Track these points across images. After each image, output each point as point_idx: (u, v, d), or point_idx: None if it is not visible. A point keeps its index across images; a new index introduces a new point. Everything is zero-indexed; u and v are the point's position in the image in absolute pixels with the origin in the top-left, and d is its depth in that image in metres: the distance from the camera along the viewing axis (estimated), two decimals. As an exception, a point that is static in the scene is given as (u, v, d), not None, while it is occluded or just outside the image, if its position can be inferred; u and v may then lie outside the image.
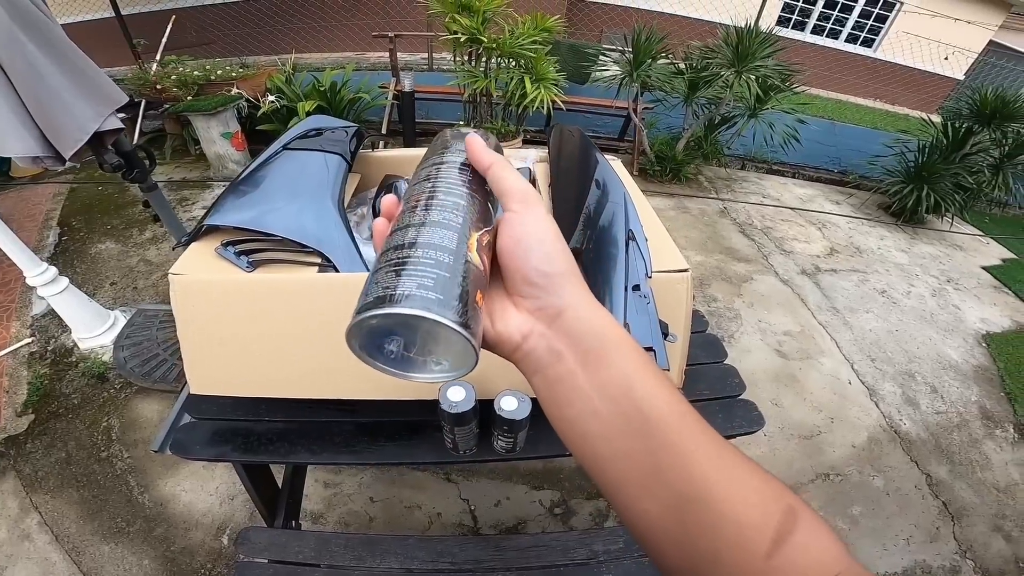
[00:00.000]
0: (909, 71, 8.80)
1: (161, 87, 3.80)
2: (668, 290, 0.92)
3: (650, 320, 0.82)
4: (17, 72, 1.35)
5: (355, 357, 0.29)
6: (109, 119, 1.53)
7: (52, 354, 2.42)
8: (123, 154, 1.70)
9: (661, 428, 0.30)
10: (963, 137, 4.25)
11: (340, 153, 1.11)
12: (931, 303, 3.49)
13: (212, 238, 0.92)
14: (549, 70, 3.40)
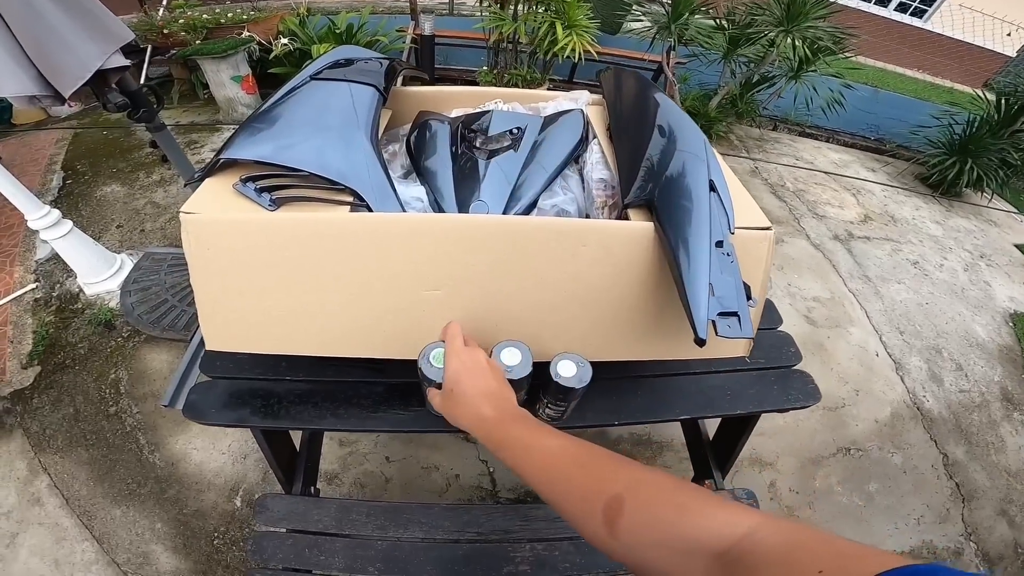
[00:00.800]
0: (959, 44, 8.58)
1: (168, 32, 3.61)
2: (748, 249, 0.80)
3: (735, 280, 0.70)
4: (12, 11, 1.27)
5: (393, 310, 0.22)
6: (113, 57, 1.44)
7: (57, 300, 2.34)
8: (128, 93, 1.59)
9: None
10: (1015, 114, 4.09)
11: (375, 84, 0.97)
12: (963, 278, 3.39)
13: (229, 173, 0.80)
14: (581, 17, 3.19)
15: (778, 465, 2.06)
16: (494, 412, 0.55)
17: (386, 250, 0.73)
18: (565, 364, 0.76)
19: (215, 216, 0.72)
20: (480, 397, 0.57)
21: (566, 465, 0.46)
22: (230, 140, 0.83)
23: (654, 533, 0.38)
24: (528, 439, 0.51)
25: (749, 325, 0.69)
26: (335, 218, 0.73)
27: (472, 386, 0.58)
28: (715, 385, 1.11)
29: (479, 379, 0.59)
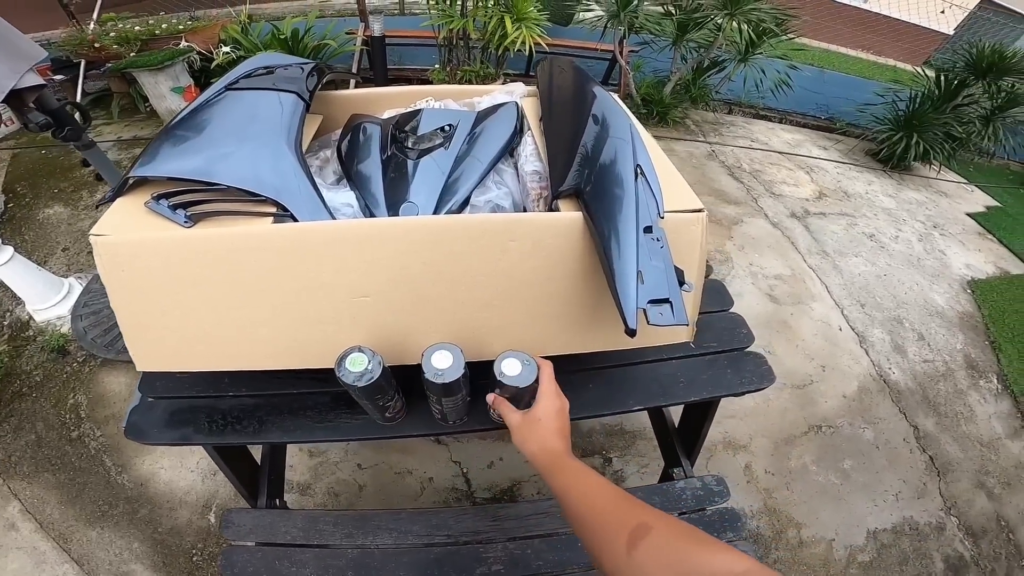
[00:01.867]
0: (899, 23, 8.84)
1: (100, 45, 3.47)
2: (681, 233, 0.80)
3: (665, 266, 0.71)
4: None
5: (324, 320, 0.21)
6: (27, 76, 1.40)
7: (8, 329, 2.26)
8: (50, 112, 1.54)
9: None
10: (956, 88, 4.27)
11: (295, 91, 0.95)
12: (918, 248, 3.50)
13: (142, 192, 0.77)
14: (530, 9, 3.17)
15: (751, 447, 2.07)
16: (562, 447, 0.69)
17: (312, 259, 0.71)
18: (510, 363, 0.74)
19: (127, 237, 0.69)
20: (557, 434, 0.70)
21: (608, 494, 0.58)
22: (140, 157, 0.80)
23: (668, 557, 0.47)
24: (580, 471, 0.64)
25: (682, 311, 0.70)
26: (255, 231, 0.71)
27: (556, 425, 0.71)
28: (668, 373, 1.12)
29: (562, 421, 0.72)
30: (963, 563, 1.87)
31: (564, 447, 0.68)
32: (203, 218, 0.72)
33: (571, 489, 0.60)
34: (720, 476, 1.21)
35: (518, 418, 0.72)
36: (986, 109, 4.26)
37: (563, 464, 0.65)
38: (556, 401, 0.73)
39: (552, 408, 0.71)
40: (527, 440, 0.70)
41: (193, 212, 0.71)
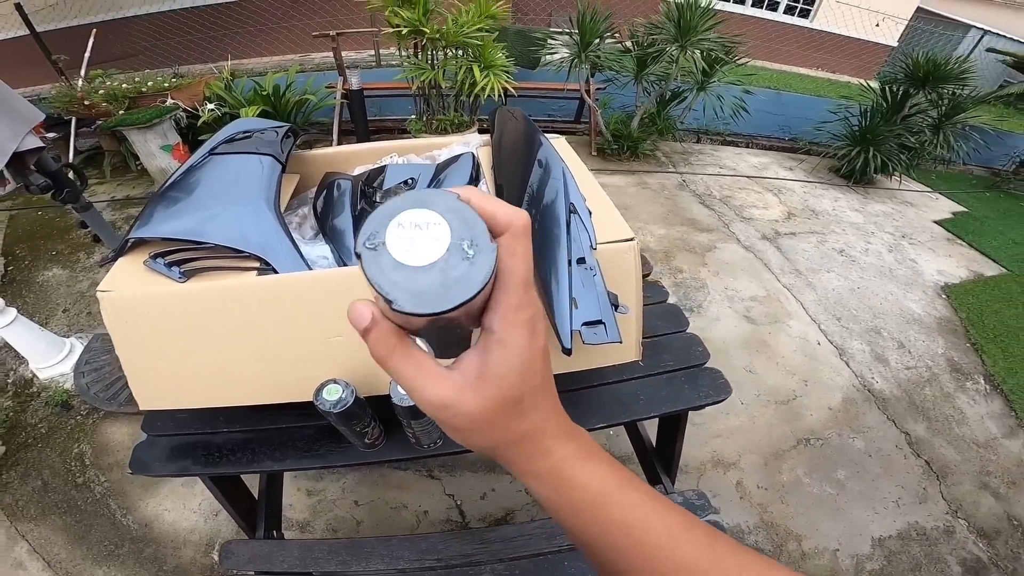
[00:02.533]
0: (846, 40, 9.05)
1: (89, 103, 3.61)
2: (616, 261, 0.92)
3: (597, 293, 0.82)
4: None
5: (303, 359, 0.33)
6: (27, 138, 1.46)
7: (13, 386, 2.33)
8: (49, 174, 1.62)
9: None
10: (901, 100, 4.42)
11: (272, 154, 1.07)
12: (888, 259, 3.61)
13: (140, 251, 0.88)
14: (497, 57, 3.35)
15: (741, 464, 2.09)
16: (560, 430, 0.35)
17: (291, 306, 0.82)
18: (415, 215, 0.75)
19: (129, 292, 0.80)
20: (541, 400, 0.36)
21: (695, 538, 0.33)
22: (138, 219, 0.91)
23: None
24: (626, 494, 0.35)
25: (615, 331, 0.80)
26: (241, 283, 0.82)
27: (535, 382, 0.29)
28: (628, 392, 1.21)
29: (545, 364, 0.37)
30: (981, 565, 1.85)
31: (563, 429, 0.32)
32: (195, 274, 0.83)
33: (616, 528, 0.32)
34: (701, 491, 1.27)
35: (448, 387, 0.28)
36: (933, 118, 4.40)
37: (581, 474, 0.32)
38: (529, 326, 0.28)
39: (525, 346, 0.28)
40: (481, 430, 0.30)
41: (186, 269, 0.82)
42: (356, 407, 0.81)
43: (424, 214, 0.26)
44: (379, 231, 0.26)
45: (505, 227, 0.27)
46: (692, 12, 3.72)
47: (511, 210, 0.28)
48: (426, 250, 0.25)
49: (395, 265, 0.25)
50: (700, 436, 2.15)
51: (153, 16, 6.38)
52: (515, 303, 0.27)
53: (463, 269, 0.25)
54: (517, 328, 0.28)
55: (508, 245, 0.27)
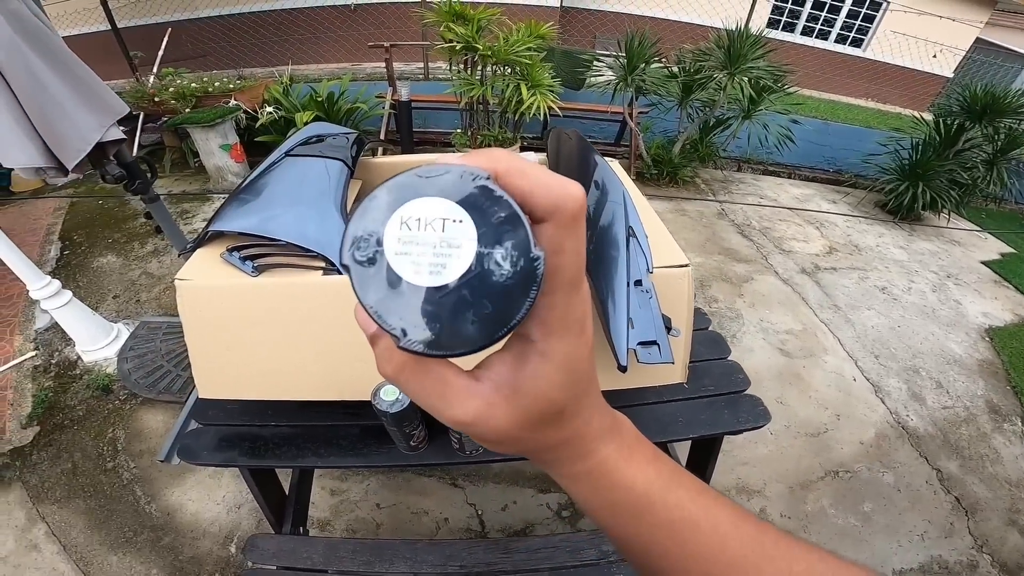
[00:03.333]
0: (899, 70, 8.82)
1: (159, 100, 3.82)
2: (669, 285, 0.93)
3: (652, 315, 0.83)
4: (20, 83, 1.35)
5: (360, 359, 0.31)
6: (111, 130, 1.53)
7: (56, 367, 2.43)
8: (124, 165, 1.70)
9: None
10: (955, 134, 4.28)
11: (342, 159, 1.12)
12: (932, 298, 3.51)
13: (217, 244, 0.93)
14: (544, 76, 3.42)
15: (766, 492, 2.08)
16: (612, 441, 0.32)
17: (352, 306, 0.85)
18: (423, 204, 0.72)
19: (205, 283, 0.85)
20: (587, 407, 0.34)
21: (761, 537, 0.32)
22: (217, 213, 0.97)
23: None
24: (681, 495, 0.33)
25: (668, 352, 0.81)
26: (308, 281, 0.86)
27: (579, 390, 0.34)
28: (668, 413, 1.20)
29: (591, 365, 0.35)
30: (1002, 599, 1.82)
31: (605, 427, 0.29)
32: (266, 269, 0.87)
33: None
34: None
35: (476, 403, 0.23)
36: (987, 153, 4.24)
37: (624, 475, 0.29)
38: (576, 330, 0.23)
39: (571, 354, 0.23)
40: (515, 442, 0.26)
41: (259, 264, 0.86)
42: (410, 409, 0.83)
43: (437, 205, 0.19)
44: (374, 233, 0.19)
45: (549, 211, 0.20)
46: (743, 40, 3.72)
47: (558, 186, 0.21)
48: (443, 263, 0.19)
49: (399, 285, 0.19)
50: (727, 463, 2.14)
51: (223, 18, 6.71)
52: (560, 310, 0.22)
53: (496, 291, 0.19)
54: (562, 337, 0.22)
55: (553, 238, 0.20)
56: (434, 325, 0.19)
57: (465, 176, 0.19)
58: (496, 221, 0.19)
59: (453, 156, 0.21)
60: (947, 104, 4.47)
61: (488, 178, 0.19)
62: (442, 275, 0.19)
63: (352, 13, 6.94)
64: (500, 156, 0.21)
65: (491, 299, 0.19)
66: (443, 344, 0.19)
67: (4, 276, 2.73)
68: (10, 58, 1.34)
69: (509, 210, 0.19)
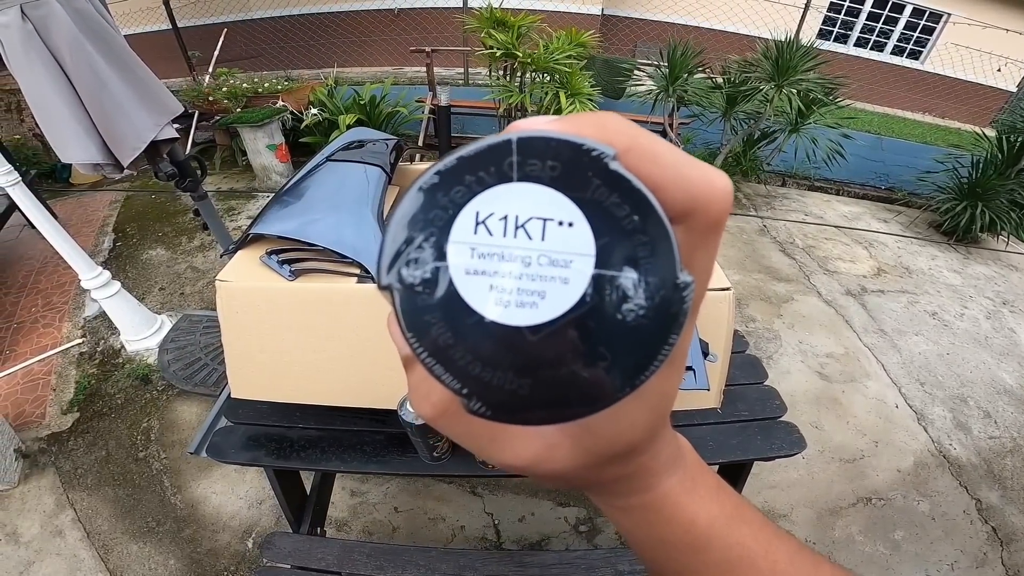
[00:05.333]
0: (959, 83, 8.45)
1: (213, 99, 3.98)
2: (709, 309, 0.89)
3: (691, 339, 0.80)
4: (83, 80, 1.40)
5: (391, 368, 0.28)
6: (165, 128, 1.58)
7: (100, 355, 2.54)
8: (177, 163, 1.77)
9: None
10: (1018, 151, 4.05)
11: (380, 165, 1.13)
12: (985, 326, 3.32)
13: (257, 246, 0.95)
14: (584, 85, 3.40)
15: (792, 516, 2.03)
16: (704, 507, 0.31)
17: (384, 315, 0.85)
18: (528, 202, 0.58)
19: (244, 284, 0.86)
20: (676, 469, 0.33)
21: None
22: (259, 216, 0.99)
23: None
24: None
25: (704, 378, 0.78)
26: (343, 288, 0.87)
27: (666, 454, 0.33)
28: (698, 436, 1.17)
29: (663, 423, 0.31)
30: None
31: (670, 458, 0.25)
32: (303, 274, 0.88)
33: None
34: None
35: (535, 446, 0.19)
36: None
37: (685, 511, 0.26)
38: (673, 365, 0.18)
39: (663, 393, 0.20)
40: (571, 481, 0.23)
41: (296, 268, 0.87)
42: None
43: (536, 197, 0.13)
44: (432, 239, 0.13)
45: (685, 212, 0.15)
46: (792, 51, 3.61)
47: (700, 178, 0.15)
48: (541, 288, 0.13)
49: (470, 320, 0.13)
50: (754, 485, 2.09)
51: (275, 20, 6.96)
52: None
53: (621, 333, 0.13)
54: (662, 373, 0.16)
55: (685, 248, 0.15)
56: (521, 383, 0.13)
57: (582, 152, 0.13)
58: (628, 228, 0.13)
59: (543, 119, 0.15)
60: (1010, 120, 4.24)
61: (615, 158, 0.13)
62: (539, 308, 0.13)
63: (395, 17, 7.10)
64: (617, 125, 0.15)
65: (612, 346, 0.13)
66: (533, 412, 0.14)
67: (58, 265, 2.88)
68: (74, 57, 1.39)
69: (649, 211, 0.13)
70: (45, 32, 1.36)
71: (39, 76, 1.39)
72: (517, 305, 0.13)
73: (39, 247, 3.17)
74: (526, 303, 0.13)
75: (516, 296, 0.13)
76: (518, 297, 0.13)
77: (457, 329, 0.13)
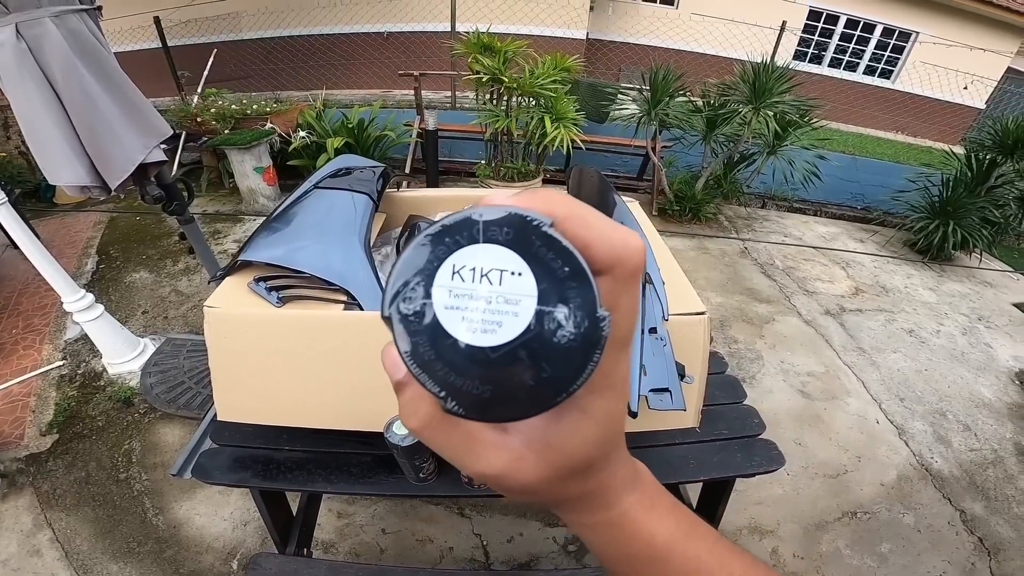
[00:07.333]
0: (929, 102, 8.68)
1: (201, 120, 3.98)
2: (685, 332, 0.93)
3: (666, 362, 0.83)
4: (73, 101, 1.40)
5: (376, 392, 0.30)
6: (154, 151, 1.58)
7: (81, 377, 2.51)
8: (164, 186, 1.77)
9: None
10: (987, 169, 4.17)
11: (367, 193, 1.16)
12: (961, 342, 3.41)
13: (245, 273, 0.97)
14: (569, 109, 3.47)
15: (779, 532, 2.04)
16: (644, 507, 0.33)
17: (371, 342, 0.87)
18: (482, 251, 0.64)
19: (233, 311, 0.88)
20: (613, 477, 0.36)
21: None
22: (247, 242, 1.01)
23: None
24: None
25: (680, 399, 0.81)
26: (330, 315, 0.89)
27: (603, 451, 0.34)
28: (680, 455, 1.20)
29: (619, 426, 0.34)
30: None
31: (628, 478, 0.29)
32: (291, 300, 0.90)
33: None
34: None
35: (504, 458, 0.23)
36: (1020, 190, 4.09)
37: (644, 527, 0.29)
38: (618, 389, 0.24)
39: (610, 412, 0.24)
40: (537, 494, 0.26)
41: (283, 295, 0.90)
42: (421, 444, 0.84)
43: (495, 254, 0.18)
44: (422, 283, 0.18)
45: (608, 265, 0.19)
46: (768, 74, 3.73)
47: (620, 239, 0.20)
48: (498, 320, 0.18)
49: (447, 343, 0.18)
50: (740, 502, 2.10)
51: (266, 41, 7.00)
52: (607, 368, 0.20)
53: (556, 354, 0.17)
54: (604, 395, 0.22)
55: (609, 294, 0.19)
56: (484, 389, 0.18)
57: (526, 222, 0.17)
58: (559, 276, 0.17)
59: (501, 194, 0.19)
60: (978, 138, 4.36)
61: (551, 225, 0.18)
62: (497, 334, 0.17)
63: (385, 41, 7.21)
64: (558, 200, 0.19)
65: (550, 362, 0.18)
66: (491, 410, 0.18)
67: (40, 286, 2.85)
68: (65, 77, 1.39)
69: (574, 264, 0.18)
70: (39, 51, 1.36)
71: (31, 95, 1.38)
72: (482, 331, 0.18)
73: (21, 268, 3.12)
74: (488, 330, 0.18)
75: (481, 325, 0.18)
76: (482, 326, 0.18)
77: (438, 349, 0.18)
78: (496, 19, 6.08)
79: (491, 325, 0.18)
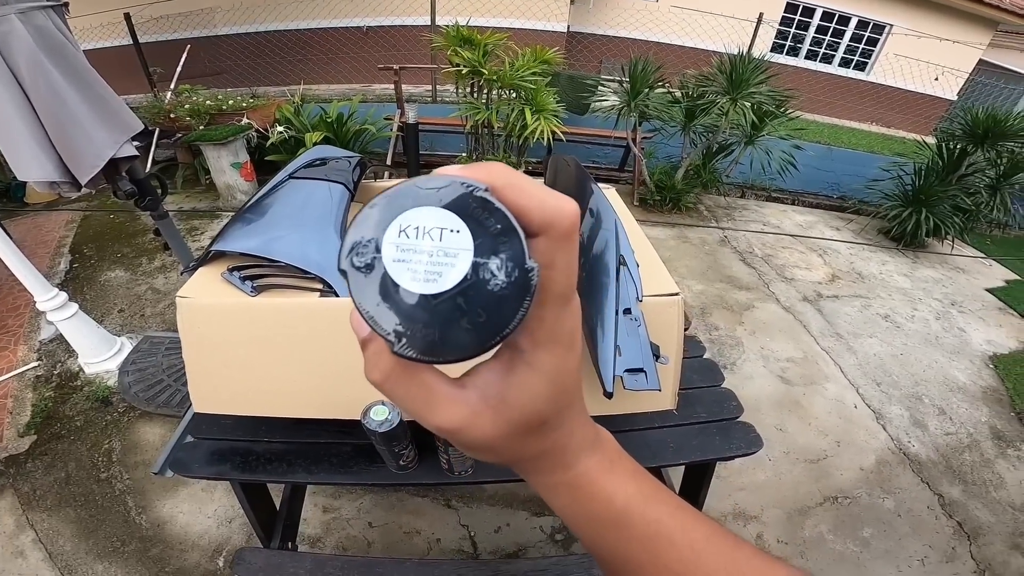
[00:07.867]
0: (902, 93, 8.83)
1: (174, 116, 3.90)
2: (659, 314, 0.94)
3: (640, 342, 0.84)
4: (40, 97, 1.39)
5: (353, 379, 0.31)
6: (125, 146, 1.57)
7: (58, 378, 2.46)
8: (136, 181, 1.75)
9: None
10: (958, 158, 4.27)
11: (343, 183, 1.16)
12: (935, 326, 3.50)
13: (219, 263, 0.96)
14: (549, 101, 3.48)
15: (763, 518, 2.07)
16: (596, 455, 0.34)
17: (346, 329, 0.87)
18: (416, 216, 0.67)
19: (205, 301, 0.87)
20: (571, 425, 0.35)
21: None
22: (220, 233, 1.00)
23: None
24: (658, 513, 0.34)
25: (655, 379, 0.83)
26: (305, 303, 0.88)
27: (562, 404, 0.33)
28: (659, 439, 1.22)
29: (576, 379, 0.34)
30: (1004, 623, 1.80)
31: (587, 439, 0.30)
32: (265, 289, 0.90)
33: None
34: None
35: (461, 411, 0.24)
36: (990, 177, 4.20)
37: (604, 488, 0.30)
38: (565, 344, 0.25)
39: (558, 367, 0.25)
40: (496, 450, 0.27)
41: (258, 284, 0.89)
42: (399, 429, 0.84)
43: (436, 215, 0.20)
44: (373, 239, 0.20)
45: (543, 226, 0.21)
46: (744, 65, 3.78)
47: (552, 203, 0.22)
48: (439, 271, 0.20)
49: (395, 291, 0.20)
50: (723, 488, 2.13)
51: (240, 36, 6.87)
52: (549, 323, 0.23)
53: (490, 300, 0.20)
54: (550, 349, 0.24)
55: (545, 252, 0.21)
56: (428, 332, 0.20)
57: (464, 188, 0.20)
58: (492, 232, 0.20)
59: (453, 168, 0.21)
60: (950, 128, 4.45)
61: (486, 190, 0.20)
62: (438, 283, 0.20)
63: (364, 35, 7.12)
64: (498, 170, 0.22)
65: (485, 308, 0.20)
66: (436, 350, 0.20)
67: (12, 287, 2.78)
68: (32, 74, 1.38)
69: (505, 222, 0.20)
70: (5, 48, 1.34)
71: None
72: (425, 280, 0.20)
73: (-9, 269, 3.05)
74: (430, 279, 0.20)
75: (424, 275, 0.20)
76: (425, 276, 0.20)
77: (388, 297, 0.20)
78: (476, 12, 6.04)
79: (433, 275, 0.20)
